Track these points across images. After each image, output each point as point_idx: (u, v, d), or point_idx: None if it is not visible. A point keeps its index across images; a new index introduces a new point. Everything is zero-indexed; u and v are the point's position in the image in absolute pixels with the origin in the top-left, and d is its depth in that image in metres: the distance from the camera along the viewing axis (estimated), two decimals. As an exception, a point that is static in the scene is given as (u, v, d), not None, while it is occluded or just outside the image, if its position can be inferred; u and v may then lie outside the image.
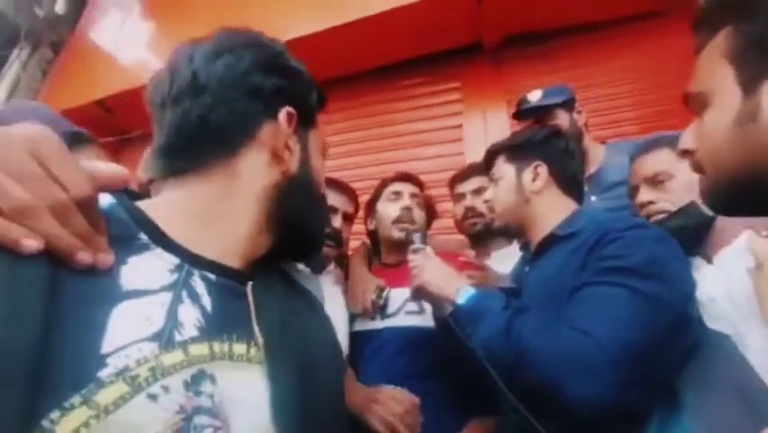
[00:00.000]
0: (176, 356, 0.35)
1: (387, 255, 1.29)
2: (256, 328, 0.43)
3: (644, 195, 0.92)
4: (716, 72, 0.44)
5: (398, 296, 1.12)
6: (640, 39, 1.84)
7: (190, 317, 0.38)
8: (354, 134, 2.25)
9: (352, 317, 1.16)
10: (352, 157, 2.21)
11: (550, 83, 1.56)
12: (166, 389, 0.33)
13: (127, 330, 0.34)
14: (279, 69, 0.49)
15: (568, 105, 1.41)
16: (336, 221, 1.14)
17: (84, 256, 0.33)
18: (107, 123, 2.55)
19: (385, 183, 1.34)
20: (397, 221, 1.23)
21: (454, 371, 0.97)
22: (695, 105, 0.47)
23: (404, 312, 1.11)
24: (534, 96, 1.43)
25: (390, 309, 1.13)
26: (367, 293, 1.13)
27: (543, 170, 0.93)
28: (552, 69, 1.95)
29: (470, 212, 1.38)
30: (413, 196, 1.29)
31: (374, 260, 1.33)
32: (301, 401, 0.42)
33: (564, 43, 1.97)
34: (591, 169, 1.41)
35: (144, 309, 0.36)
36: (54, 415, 0.28)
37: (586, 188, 1.15)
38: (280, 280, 0.53)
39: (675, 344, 0.67)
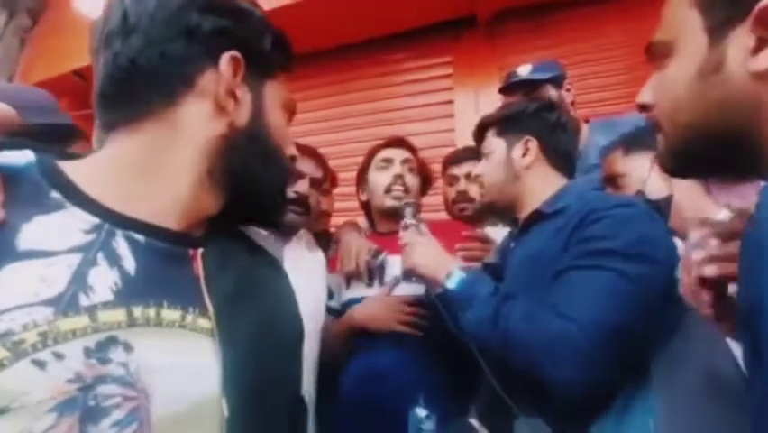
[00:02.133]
0: (78, 321, 0.33)
1: (380, 225, 1.25)
2: (206, 297, 0.41)
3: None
4: (682, 19, 0.40)
5: (397, 262, 1.05)
6: (636, 14, 1.78)
7: (104, 281, 0.36)
8: (340, 109, 2.19)
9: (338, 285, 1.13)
10: (338, 133, 2.15)
11: (544, 59, 1.52)
12: (59, 356, 0.32)
13: (15, 292, 0.32)
14: (221, 7, 0.44)
15: (557, 81, 1.39)
16: (302, 185, 1.07)
17: None
18: (85, 93, 2.46)
19: (375, 150, 1.26)
20: (389, 190, 1.18)
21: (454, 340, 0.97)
22: (659, 55, 0.43)
23: (404, 280, 1.06)
24: (525, 71, 1.40)
25: (389, 277, 1.09)
26: (361, 254, 1.09)
27: (533, 144, 0.90)
28: (546, 44, 1.90)
29: (461, 197, 1.35)
30: (405, 161, 1.22)
31: (368, 230, 1.29)
32: (254, 375, 0.41)
33: (559, 18, 1.92)
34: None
35: (41, 271, 0.33)
36: None
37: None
38: (242, 245, 0.50)
39: (660, 323, 0.66)
